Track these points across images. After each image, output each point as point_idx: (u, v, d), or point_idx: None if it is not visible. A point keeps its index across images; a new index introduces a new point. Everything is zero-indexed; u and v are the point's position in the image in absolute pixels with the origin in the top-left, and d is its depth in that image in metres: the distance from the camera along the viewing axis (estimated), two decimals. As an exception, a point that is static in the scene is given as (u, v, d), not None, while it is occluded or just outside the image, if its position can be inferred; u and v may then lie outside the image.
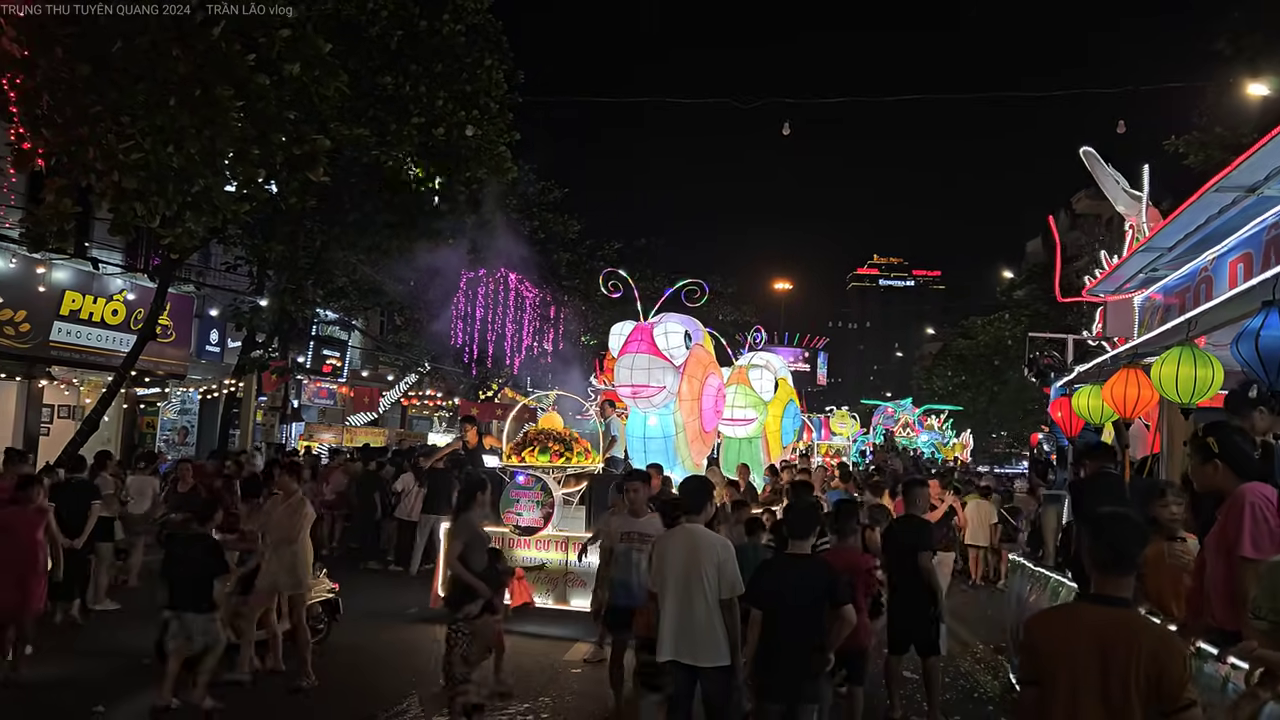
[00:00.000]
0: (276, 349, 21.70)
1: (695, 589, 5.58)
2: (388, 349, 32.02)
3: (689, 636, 5.57)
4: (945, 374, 52.61)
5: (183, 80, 8.50)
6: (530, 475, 10.26)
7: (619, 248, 33.32)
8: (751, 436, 14.52)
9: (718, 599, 5.57)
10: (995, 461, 46.93)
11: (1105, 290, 12.25)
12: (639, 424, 11.83)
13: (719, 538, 5.99)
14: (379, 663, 8.94)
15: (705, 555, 5.63)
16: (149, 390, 21.95)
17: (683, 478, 11.25)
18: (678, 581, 5.65)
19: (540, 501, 10.07)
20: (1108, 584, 3.20)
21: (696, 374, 11.76)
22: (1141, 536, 3.30)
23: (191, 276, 21.82)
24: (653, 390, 11.16)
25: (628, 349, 11.45)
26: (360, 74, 15.42)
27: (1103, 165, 12.03)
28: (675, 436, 11.51)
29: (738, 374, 14.53)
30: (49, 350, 17.97)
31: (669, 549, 5.82)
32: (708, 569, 5.58)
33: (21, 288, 17.09)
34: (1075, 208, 53.52)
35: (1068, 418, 9.44)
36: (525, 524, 10.14)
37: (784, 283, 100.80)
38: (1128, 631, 3.07)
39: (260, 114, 9.10)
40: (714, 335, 13.84)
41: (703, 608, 5.56)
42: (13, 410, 18.77)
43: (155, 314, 16.60)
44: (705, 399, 11.94)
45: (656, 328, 11.59)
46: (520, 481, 10.21)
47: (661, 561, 5.82)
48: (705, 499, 6.11)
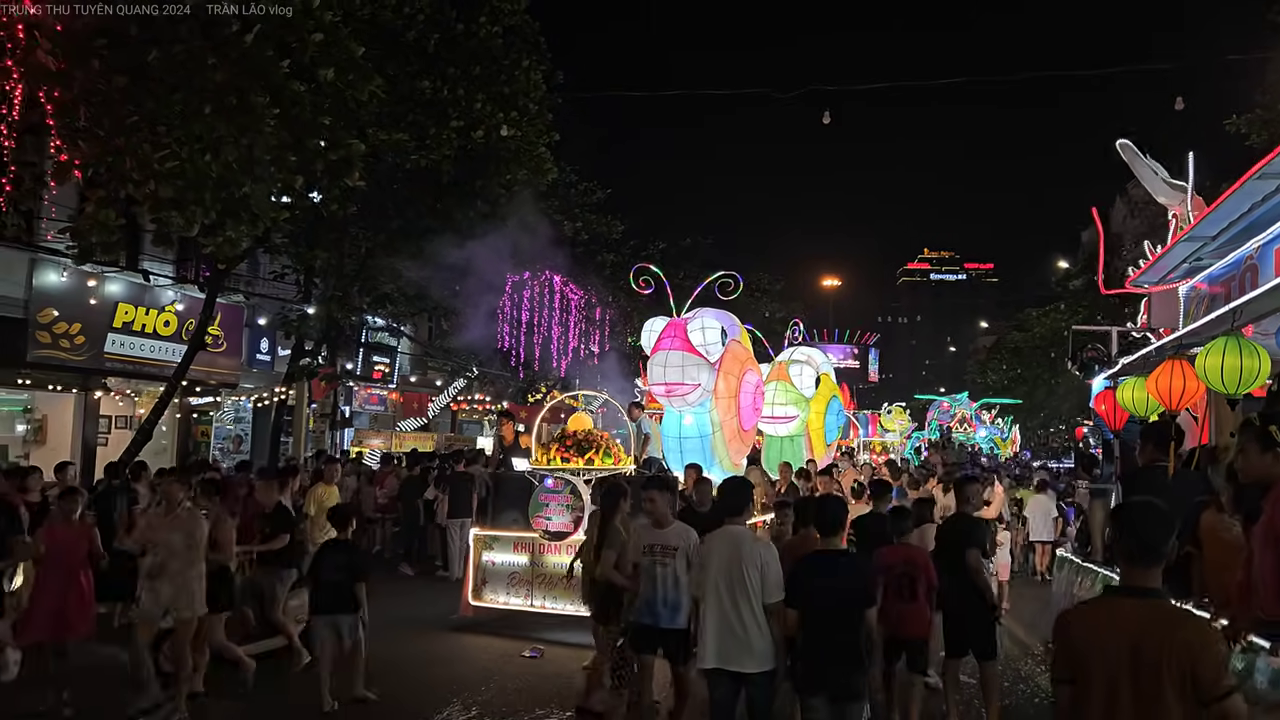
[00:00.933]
0: (325, 356, 21.87)
1: (739, 593, 5.48)
2: (436, 354, 32.20)
3: (733, 642, 5.47)
4: (1000, 367, 51.69)
5: (218, 88, 8.51)
6: (559, 478, 9.93)
7: (664, 248, 33.17)
8: (793, 435, 14.17)
9: (761, 603, 5.46)
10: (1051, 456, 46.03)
11: (1149, 280, 11.98)
12: (674, 423, 11.50)
13: (763, 541, 5.91)
14: (405, 676, 8.84)
15: (748, 558, 5.51)
16: (202, 400, 22.25)
17: (722, 478, 11.08)
18: (720, 585, 5.54)
19: (570, 505, 9.76)
20: (1136, 575, 3.15)
21: (733, 370, 11.40)
22: (1168, 526, 3.21)
23: (240, 286, 22.08)
24: (687, 388, 10.81)
25: (660, 346, 11.13)
26: (398, 79, 15.45)
27: (1140, 157, 11.85)
28: (712, 436, 11.16)
29: (778, 370, 14.19)
30: (104, 362, 18.28)
31: (710, 552, 5.71)
32: (750, 572, 5.47)
33: (76, 301, 17.40)
34: (1132, 194, 52.26)
35: (1112, 411, 9.28)
36: (555, 529, 9.87)
37: (833, 279, 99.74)
38: (1159, 623, 3.03)
39: (296, 120, 9.08)
40: (752, 331, 13.41)
41: (747, 612, 5.45)
42: (71, 422, 19.15)
43: (204, 324, 16.81)
44: (743, 396, 11.57)
45: (691, 323, 11.23)
46: (549, 485, 9.93)
47: (703, 565, 5.72)
48: (746, 500, 5.99)
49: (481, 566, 10.60)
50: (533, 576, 10.26)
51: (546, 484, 9.90)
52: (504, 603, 10.43)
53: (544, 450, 10.04)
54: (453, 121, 15.69)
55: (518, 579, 10.34)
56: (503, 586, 10.43)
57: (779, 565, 5.55)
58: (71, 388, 18.04)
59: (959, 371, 74.95)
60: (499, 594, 10.48)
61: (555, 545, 9.98)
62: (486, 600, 10.59)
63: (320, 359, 21.44)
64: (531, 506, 9.92)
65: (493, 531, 10.79)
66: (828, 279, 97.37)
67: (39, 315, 16.75)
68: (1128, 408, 8.48)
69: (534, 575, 10.25)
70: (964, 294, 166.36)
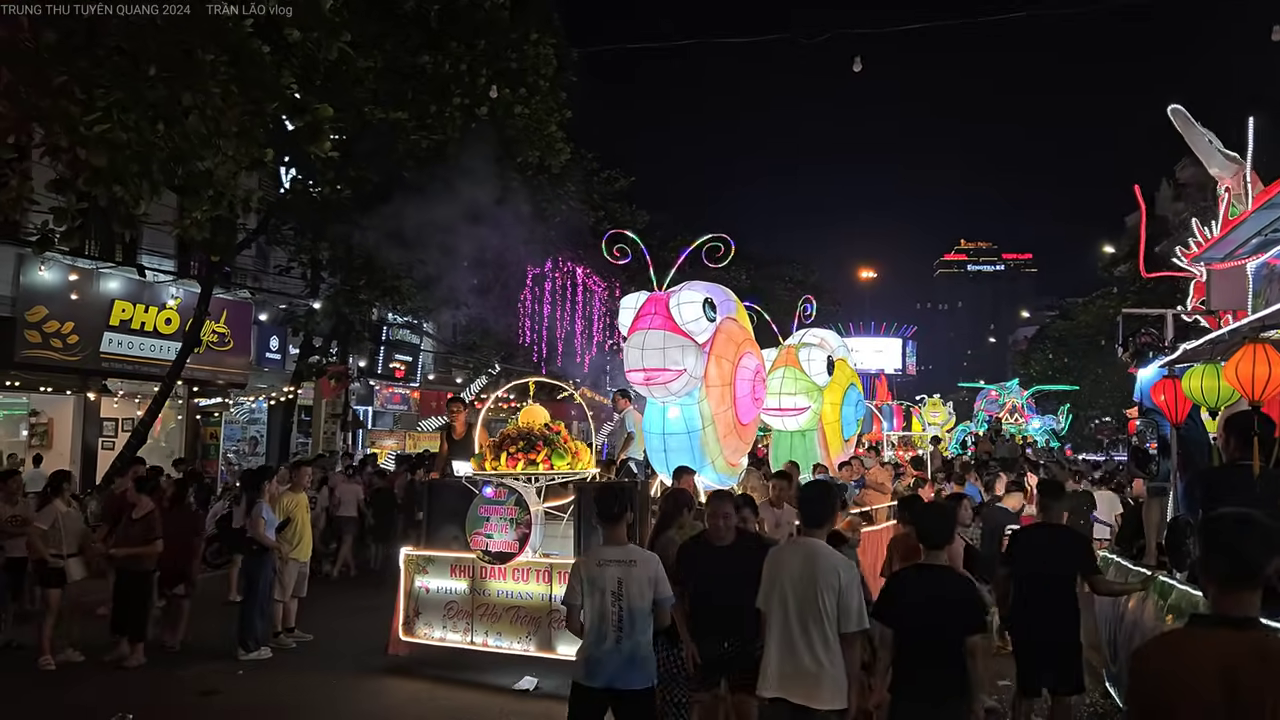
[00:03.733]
0: (336, 353, 20.98)
1: (809, 617, 4.76)
2: (457, 351, 31.34)
3: (799, 673, 4.76)
4: (1046, 356, 50.00)
5: (163, 44, 7.48)
6: (501, 486, 7.99)
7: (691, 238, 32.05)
8: (805, 429, 12.40)
9: (836, 631, 4.74)
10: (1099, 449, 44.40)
11: (1213, 257, 10.79)
12: (657, 417, 9.57)
13: (841, 558, 5.03)
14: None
15: (823, 579, 4.77)
16: (210, 401, 21.44)
17: (717, 480, 9.43)
18: (789, 607, 4.82)
19: (514, 520, 7.90)
20: (1229, 601, 2.68)
21: (727, 353, 9.58)
22: (1271, 542, 2.70)
23: (247, 282, 21.24)
24: (670, 374, 8.84)
25: (638, 325, 9.26)
26: (397, 55, 14.46)
27: (1193, 124, 10.88)
28: (702, 431, 9.36)
29: (785, 355, 12.34)
30: (100, 362, 17.49)
31: (781, 567, 4.94)
32: (825, 596, 4.75)
33: (68, 299, 16.61)
34: (1179, 177, 50.52)
35: (1173, 401, 8.26)
36: (496, 548, 7.98)
37: (869, 270, 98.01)
38: (1259, 658, 2.56)
39: (255, 81, 8.05)
40: (755, 310, 11.53)
41: (818, 640, 4.74)
42: (70, 425, 18.39)
43: (200, 320, 15.95)
44: (740, 384, 9.72)
45: (673, 298, 9.34)
46: (488, 494, 8.04)
47: (772, 581, 4.95)
48: (829, 510, 5.21)
49: (413, 594, 8.65)
50: (473, 607, 8.31)
51: (485, 493, 8.08)
52: (440, 639, 8.50)
53: (489, 451, 8.12)
54: (455, 98, 14.63)
55: (455, 610, 8.41)
56: (438, 619, 8.51)
57: (860, 589, 4.87)
58: (66, 389, 17.21)
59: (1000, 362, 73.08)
60: (434, 628, 8.54)
61: (500, 569, 8.14)
62: (420, 635, 8.60)
63: (330, 356, 20.55)
64: (469, 520, 8.11)
65: (427, 551, 8.78)
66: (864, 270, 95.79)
67: (28, 314, 15.97)
68: (1196, 398, 7.62)
69: (474, 605, 8.30)
70: (1003, 285, 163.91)
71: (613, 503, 5.31)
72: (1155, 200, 47.01)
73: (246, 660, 8.84)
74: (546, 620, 7.91)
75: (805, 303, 12.97)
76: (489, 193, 16.82)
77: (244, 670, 8.62)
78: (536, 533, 8.06)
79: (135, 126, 7.72)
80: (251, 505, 9.65)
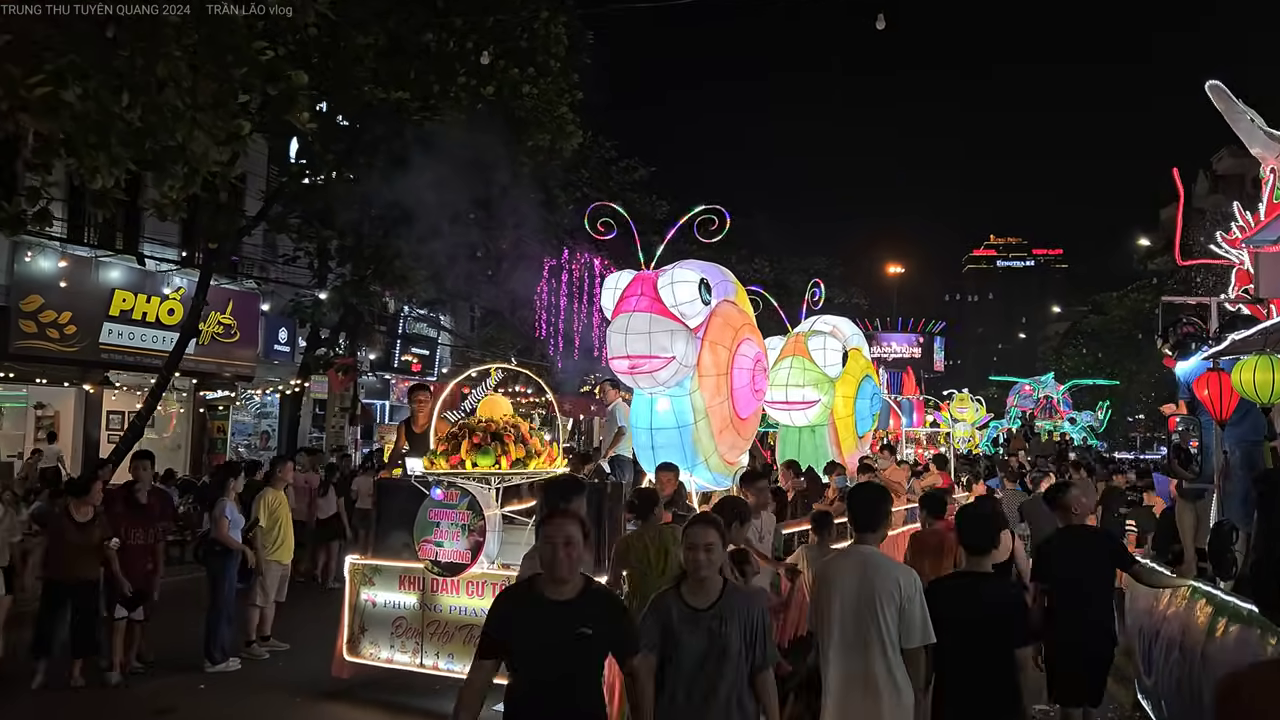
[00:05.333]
0: (344, 345, 20.43)
1: (871, 634, 4.25)
2: (474, 345, 30.80)
3: (863, 695, 4.27)
4: (1080, 351, 48.86)
5: (122, 4, 6.87)
6: (453, 487, 7.00)
7: (715, 229, 31.32)
8: (814, 425, 11.51)
9: (899, 647, 4.24)
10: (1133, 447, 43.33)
11: (1266, 239, 10.02)
12: (644, 410, 8.59)
13: (901, 566, 4.54)
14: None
15: (882, 588, 4.25)
16: (217, 394, 20.96)
17: (709, 481, 8.72)
18: (847, 622, 4.31)
19: (467, 526, 6.88)
20: None
21: (723, 339, 8.63)
22: None
23: (253, 272, 20.72)
24: (658, 362, 7.91)
25: (623, 307, 8.35)
26: (400, 34, 13.84)
27: (1234, 101, 10.10)
28: (694, 426, 8.40)
29: (794, 343, 11.41)
30: (99, 354, 17.00)
31: (835, 578, 4.42)
32: (885, 608, 4.23)
33: (66, 288, 16.14)
34: (1216, 168, 49.22)
35: (1218, 396, 7.65)
36: (447, 559, 6.96)
37: (896, 266, 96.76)
38: None
39: (224, 46, 7.43)
40: (759, 294, 10.55)
41: (878, 659, 4.23)
42: (72, 417, 17.95)
43: (198, 308, 15.40)
44: (738, 373, 8.66)
45: (663, 277, 8.39)
46: (437, 496, 7.08)
47: (825, 595, 4.43)
48: (882, 514, 4.60)
49: (359, 609, 7.64)
50: (423, 624, 7.31)
51: (434, 495, 7.10)
52: (387, 659, 7.49)
53: (442, 446, 7.10)
54: (459, 78, 13.98)
55: (404, 627, 7.42)
56: (385, 637, 7.50)
57: (924, 602, 4.30)
58: (64, 381, 16.72)
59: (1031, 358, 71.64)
60: (381, 647, 7.51)
61: (452, 582, 7.12)
62: (365, 655, 7.59)
63: (338, 348, 19.99)
64: (418, 526, 7.13)
65: (373, 561, 7.76)
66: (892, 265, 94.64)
67: (22, 303, 15.50)
68: (1246, 393, 7.01)
69: (425, 623, 7.32)
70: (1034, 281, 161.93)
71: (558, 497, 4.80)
72: (1192, 194, 45.89)
73: (213, 672, 8.21)
74: None
75: (814, 286, 12.02)
76: (498, 177, 16.20)
77: (206, 684, 7.96)
78: (493, 541, 7.07)
79: (94, 94, 7.15)
80: (213, 504, 9.05)
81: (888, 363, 54.82)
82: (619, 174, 26.94)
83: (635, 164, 27.75)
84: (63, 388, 16.97)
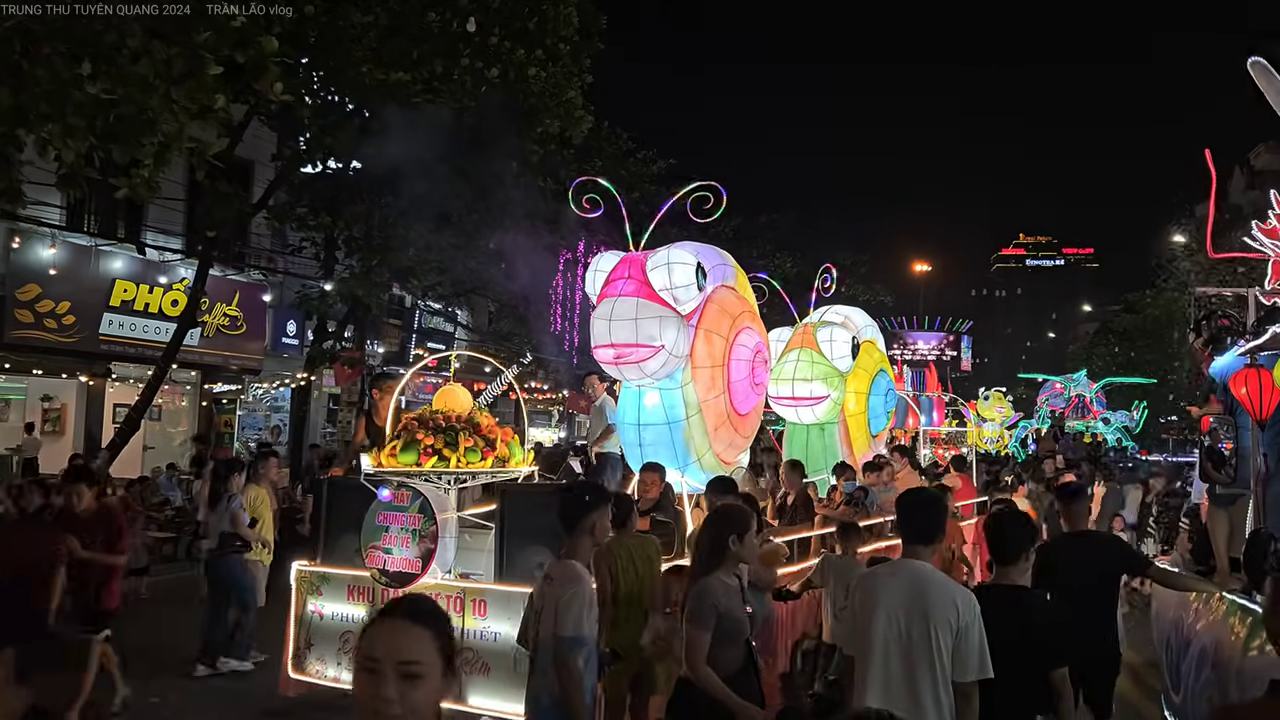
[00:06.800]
0: (352, 338, 19.99)
1: (918, 660, 3.68)
2: (490, 340, 30.39)
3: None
4: (1112, 350, 47.80)
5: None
6: (403, 488, 6.25)
7: (737, 224, 30.70)
8: (824, 422, 10.65)
9: (949, 679, 3.65)
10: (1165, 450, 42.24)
11: None
12: (631, 405, 7.82)
13: (958, 587, 3.93)
14: None
15: (936, 611, 3.67)
16: (224, 387, 20.61)
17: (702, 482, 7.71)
18: (892, 652, 3.72)
19: (418, 531, 6.14)
20: None
21: (719, 328, 7.90)
22: None
23: (261, 263, 20.33)
24: (645, 352, 7.13)
25: (607, 292, 7.43)
26: (402, 14, 13.35)
27: (1275, 75, 9.26)
28: (685, 422, 7.58)
29: (802, 334, 10.61)
30: (99, 345, 16.66)
31: (876, 595, 3.84)
32: (939, 634, 3.65)
33: (64, 277, 15.80)
34: (1254, 164, 47.99)
35: (1257, 394, 7.06)
36: (395, 567, 6.24)
37: (923, 264, 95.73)
38: None
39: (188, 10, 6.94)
40: (763, 281, 9.71)
41: (927, 690, 3.64)
42: (73, 410, 17.65)
43: (196, 298, 15.01)
44: (735, 365, 7.95)
45: (652, 259, 7.57)
46: (385, 497, 6.33)
47: (867, 614, 3.83)
48: (937, 522, 4.04)
49: (305, 620, 6.91)
50: None
51: (382, 495, 6.36)
52: (334, 678, 6.72)
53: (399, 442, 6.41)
54: (462, 59, 13.45)
55: (352, 643, 6.20)
56: (332, 653, 6.71)
57: (982, 628, 3.71)
58: (62, 373, 16.39)
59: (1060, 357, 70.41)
60: (328, 664, 6.76)
61: (399, 593, 6.13)
62: (312, 673, 6.84)
63: (345, 341, 19.56)
64: (365, 531, 6.39)
65: (321, 568, 7.00)
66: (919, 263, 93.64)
67: (18, 292, 15.16)
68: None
69: None
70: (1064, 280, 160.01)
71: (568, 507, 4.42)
72: (1228, 190, 44.80)
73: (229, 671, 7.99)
74: (456, 661, 6.06)
75: (824, 273, 11.25)
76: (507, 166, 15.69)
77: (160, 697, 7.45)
78: (447, 548, 6.33)
79: (46, 60, 6.69)
80: (218, 500, 8.61)
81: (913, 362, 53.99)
82: (636, 165, 26.35)
83: (653, 155, 27.15)
84: (62, 379, 16.65)
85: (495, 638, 5.91)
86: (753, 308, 8.67)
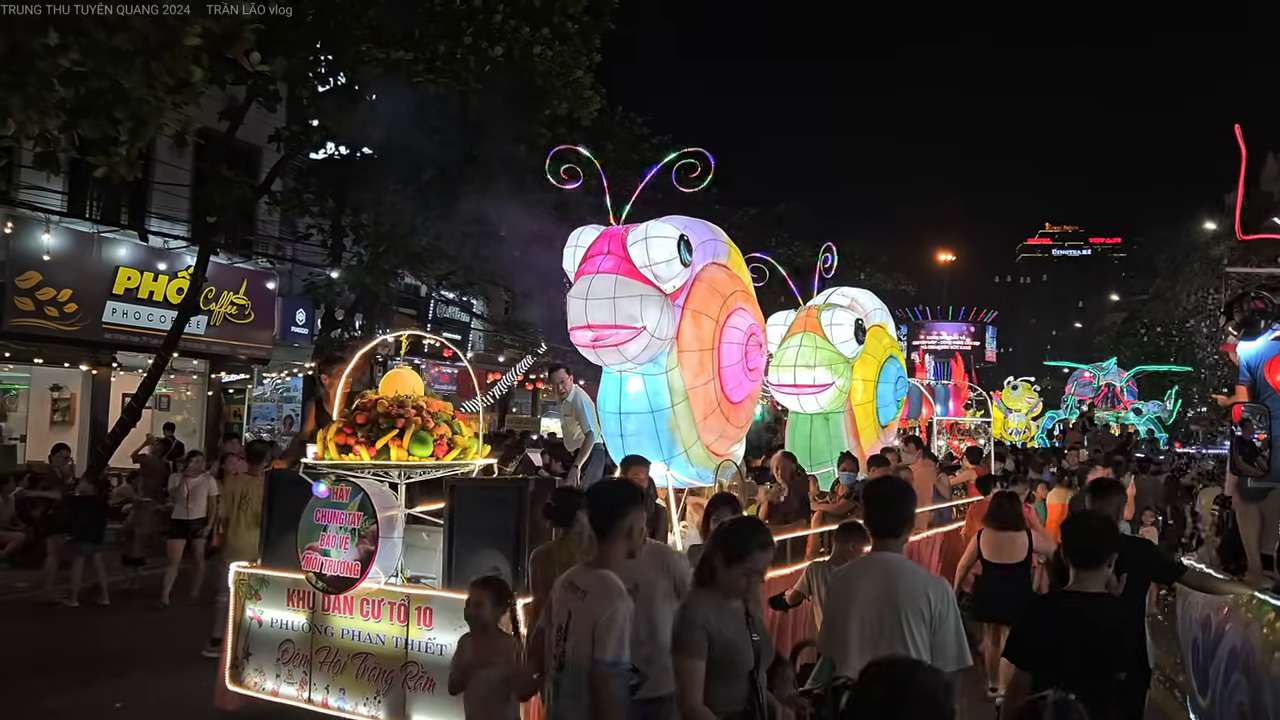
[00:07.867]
0: (361, 327, 19.69)
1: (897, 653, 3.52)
2: (505, 329, 30.07)
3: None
4: (1141, 339, 46.97)
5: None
6: (341, 482, 5.64)
7: (755, 213, 30.18)
8: (828, 411, 10.06)
9: None
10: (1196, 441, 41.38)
11: None
12: (613, 392, 7.29)
13: (931, 577, 3.90)
14: None
15: (909, 604, 3.62)
16: (234, 377, 20.37)
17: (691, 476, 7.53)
18: (867, 646, 3.60)
19: (357, 530, 5.55)
20: None
21: (709, 309, 7.34)
22: None
23: (269, 250, 20.05)
24: (625, 334, 6.58)
25: (585, 269, 6.85)
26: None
27: None
28: (670, 411, 7.00)
29: (805, 319, 10.01)
30: (102, 333, 16.41)
31: (851, 593, 3.80)
32: (914, 626, 3.59)
33: (66, 265, 15.55)
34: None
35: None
36: (333, 571, 5.64)
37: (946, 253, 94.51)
38: None
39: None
40: (763, 260, 9.23)
41: None
42: (79, 400, 17.44)
43: (196, 285, 14.72)
44: (727, 349, 7.39)
45: (633, 233, 6.90)
46: (321, 493, 5.69)
47: (842, 613, 3.79)
48: (905, 514, 3.96)
49: (243, 627, 6.29)
50: (312, 650, 5.90)
51: (318, 491, 5.70)
52: (272, 691, 6.10)
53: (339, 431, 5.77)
54: (465, 37, 13.05)
55: (291, 653, 6.00)
56: (271, 663, 6.11)
57: (960, 620, 3.71)
58: (64, 361, 16.17)
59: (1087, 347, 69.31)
60: (267, 676, 6.14)
61: (339, 600, 5.75)
62: (249, 685, 6.22)
63: (354, 330, 19.24)
64: (301, 530, 5.81)
65: (261, 570, 6.36)
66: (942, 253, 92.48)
67: (18, 279, 14.91)
68: None
69: (314, 648, 5.90)
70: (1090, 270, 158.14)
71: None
72: (1260, 178, 43.84)
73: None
74: (400, 675, 5.47)
75: (826, 252, 10.66)
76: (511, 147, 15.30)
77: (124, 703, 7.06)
78: (390, 550, 5.71)
79: (4, 26, 6.34)
80: None
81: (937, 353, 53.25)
82: (650, 151, 25.88)
83: (667, 141, 26.64)
84: (65, 369, 16.44)
85: (441, 651, 5.28)
86: (747, 287, 8.16)
